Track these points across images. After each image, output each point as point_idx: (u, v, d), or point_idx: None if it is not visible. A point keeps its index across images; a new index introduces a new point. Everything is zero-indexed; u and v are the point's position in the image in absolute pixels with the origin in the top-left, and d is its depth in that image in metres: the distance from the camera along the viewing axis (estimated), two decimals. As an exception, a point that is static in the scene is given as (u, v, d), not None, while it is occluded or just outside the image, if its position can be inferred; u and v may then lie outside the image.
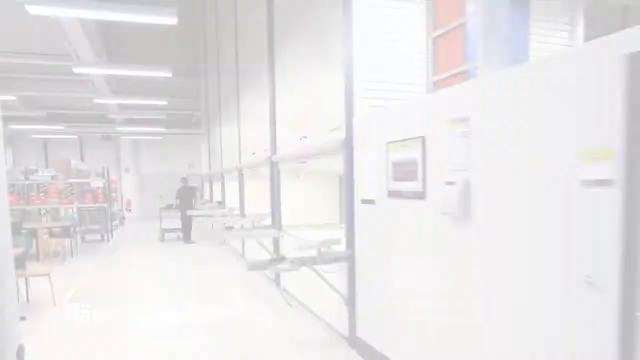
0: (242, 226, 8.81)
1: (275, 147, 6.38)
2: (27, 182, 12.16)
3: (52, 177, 12.51)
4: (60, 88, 12.68)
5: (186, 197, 12.50)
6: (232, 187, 11.56)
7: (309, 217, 6.40)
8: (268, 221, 6.54)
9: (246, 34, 8.43)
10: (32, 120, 16.10)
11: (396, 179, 3.21)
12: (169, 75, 7.93)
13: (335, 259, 3.98)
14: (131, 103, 13.04)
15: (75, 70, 7.27)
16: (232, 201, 11.35)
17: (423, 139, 2.86)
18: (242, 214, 8.98)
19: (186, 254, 10.27)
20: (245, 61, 8.55)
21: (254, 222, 6.42)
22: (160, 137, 19.53)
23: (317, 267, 3.93)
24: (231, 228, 6.48)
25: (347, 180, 3.99)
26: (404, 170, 3.10)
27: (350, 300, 4.06)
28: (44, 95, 13.38)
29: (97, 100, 11.41)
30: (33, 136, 18.01)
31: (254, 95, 7.86)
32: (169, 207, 13.02)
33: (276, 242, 6.45)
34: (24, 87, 12.76)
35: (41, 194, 12.68)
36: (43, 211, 13.78)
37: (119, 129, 16.79)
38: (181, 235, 12.36)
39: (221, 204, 12.03)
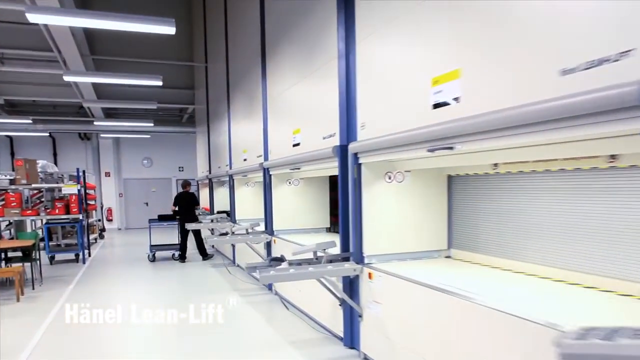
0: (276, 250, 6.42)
1: (355, 130, 3.97)
2: (-23, 189, 9.44)
3: (11, 182, 9.85)
4: (18, 65, 9.96)
5: (187, 205, 9.98)
6: (245, 194, 9.17)
7: (403, 241, 4.02)
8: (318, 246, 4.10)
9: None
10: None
11: None
12: (172, 30, 5.43)
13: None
14: (114, 82, 10.43)
15: (30, 18, 4.75)
16: (244, 212, 8.98)
17: None
18: (271, 232, 6.54)
19: (189, 284, 7.70)
20: (279, 27, 6.14)
21: (317, 252, 4.00)
22: (148, 136, 16.88)
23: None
24: (279, 261, 4.06)
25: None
26: None
27: None
28: None
29: (68, 78, 8.75)
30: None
31: (298, 67, 5.44)
32: (168, 217, 10.50)
33: (353, 282, 4.04)
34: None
35: (-1, 203, 10.15)
36: (4, 224, 11.18)
37: (98, 123, 14.01)
38: (177, 253, 9.81)
39: (229, 215, 9.54)
